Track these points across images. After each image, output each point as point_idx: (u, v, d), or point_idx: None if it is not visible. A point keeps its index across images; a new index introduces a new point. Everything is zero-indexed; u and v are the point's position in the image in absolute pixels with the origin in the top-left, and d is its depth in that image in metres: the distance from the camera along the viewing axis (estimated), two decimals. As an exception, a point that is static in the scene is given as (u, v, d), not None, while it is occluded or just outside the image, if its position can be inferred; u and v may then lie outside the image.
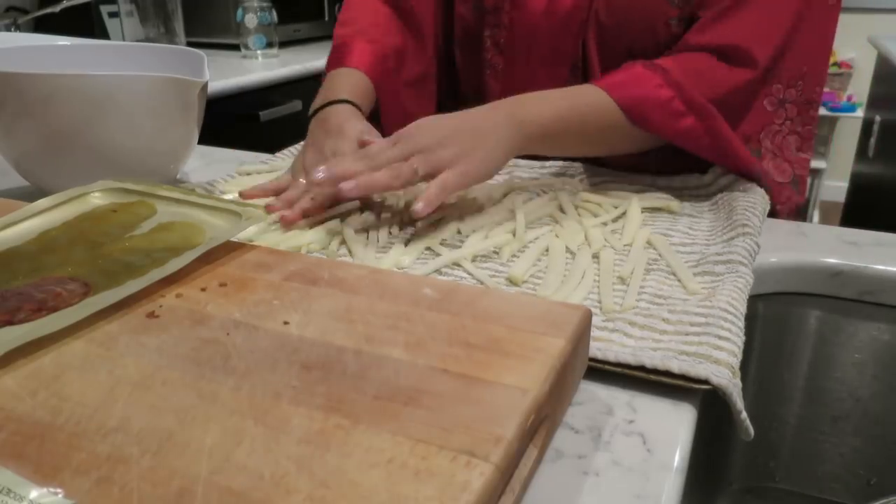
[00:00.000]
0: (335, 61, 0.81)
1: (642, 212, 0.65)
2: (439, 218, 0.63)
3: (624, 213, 0.65)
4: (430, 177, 0.59)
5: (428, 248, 0.58)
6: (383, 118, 0.83)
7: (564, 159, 0.78)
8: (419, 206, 0.57)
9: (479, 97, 0.87)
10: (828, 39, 0.73)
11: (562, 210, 0.66)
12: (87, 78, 0.60)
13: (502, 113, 0.65)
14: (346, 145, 0.66)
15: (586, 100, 0.68)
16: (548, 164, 0.77)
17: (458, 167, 0.60)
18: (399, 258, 0.56)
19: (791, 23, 0.68)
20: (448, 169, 0.59)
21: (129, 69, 0.72)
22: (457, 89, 0.92)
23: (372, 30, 0.83)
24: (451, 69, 0.91)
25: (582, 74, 0.78)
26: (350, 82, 0.78)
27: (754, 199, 0.63)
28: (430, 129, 0.62)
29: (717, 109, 0.67)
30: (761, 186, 0.68)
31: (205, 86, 0.67)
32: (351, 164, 0.59)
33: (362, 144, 0.65)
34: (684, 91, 0.66)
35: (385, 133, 0.68)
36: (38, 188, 0.67)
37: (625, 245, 0.59)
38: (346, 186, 0.57)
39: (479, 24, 0.83)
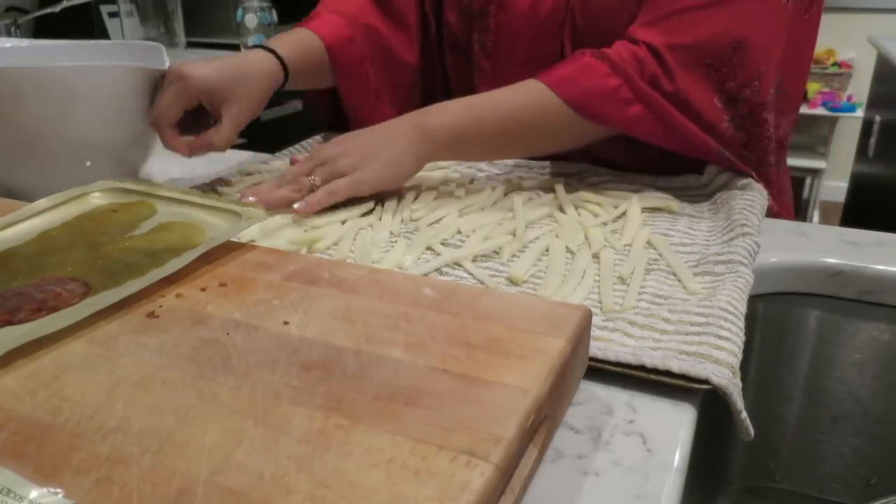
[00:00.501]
0: (298, 25, 0.82)
1: (642, 212, 0.65)
2: (439, 218, 0.63)
3: (624, 213, 0.65)
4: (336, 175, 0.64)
5: (428, 248, 0.58)
6: (339, 82, 0.83)
7: (559, 158, 0.77)
8: (299, 206, 0.62)
9: None
10: (803, 48, 0.72)
11: (562, 210, 0.66)
12: (50, 70, 0.61)
13: (406, 122, 0.67)
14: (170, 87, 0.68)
15: (518, 100, 0.67)
16: (547, 164, 0.77)
17: (354, 175, 0.64)
18: (399, 258, 0.56)
19: (752, 17, 0.66)
20: (347, 176, 0.64)
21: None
22: (449, 97, 0.91)
23: (343, 6, 0.83)
24: (444, 76, 0.91)
25: None
26: (292, 38, 0.78)
27: (752, 197, 0.63)
28: (337, 143, 0.67)
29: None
30: (723, 165, 0.68)
31: (165, 74, 0.68)
32: (268, 185, 0.65)
33: (293, 162, 0.72)
34: (631, 78, 0.65)
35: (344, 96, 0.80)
36: (5, 186, 0.67)
37: (625, 245, 0.59)
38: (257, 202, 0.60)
39: (467, 28, 0.83)
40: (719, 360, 0.41)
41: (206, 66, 0.70)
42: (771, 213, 0.69)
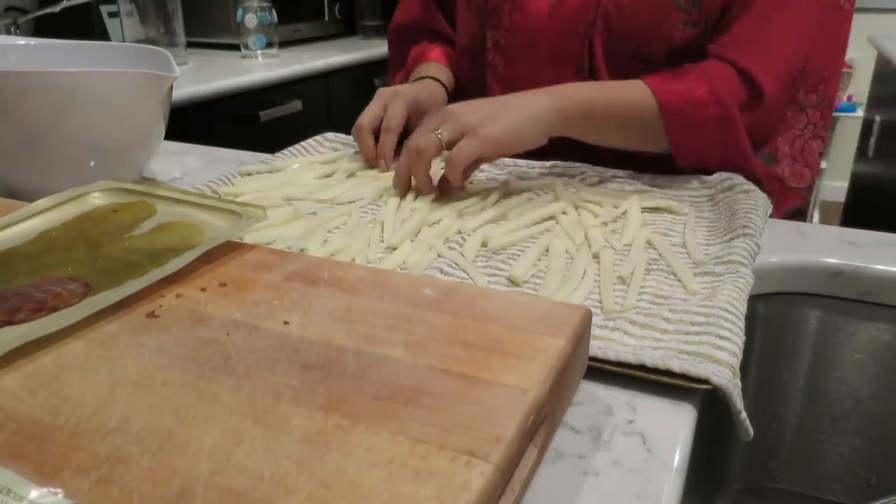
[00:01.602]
0: (417, 62, 0.93)
1: (642, 212, 0.65)
2: (439, 218, 0.63)
3: (624, 213, 0.65)
4: (454, 143, 0.64)
5: (429, 248, 0.58)
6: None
7: (559, 158, 0.78)
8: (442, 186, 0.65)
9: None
10: (842, 42, 0.74)
11: (562, 210, 0.66)
12: (65, 75, 0.61)
13: (542, 91, 0.68)
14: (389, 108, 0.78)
15: (629, 91, 0.70)
16: (548, 164, 0.77)
17: (477, 132, 0.63)
18: (400, 258, 0.56)
19: (815, 31, 0.70)
20: (467, 135, 0.63)
21: (97, 67, 0.72)
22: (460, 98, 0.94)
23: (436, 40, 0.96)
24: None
25: (589, 76, 0.78)
26: (434, 69, 0.90)
27: (756, 201, 0.63)
28: (464, 103, 0.67)
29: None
30: (763, 191, 0.69)
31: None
32: (401, 161, 0.68)
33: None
34: (716, 87, 0.68)
35: None
36: (6, 186, 0.67)
37: (625, 245, 0.59)
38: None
39: (481, 27, 0.85)
40: (719, 360, 0.41)
41: (412, 88, 0.83)
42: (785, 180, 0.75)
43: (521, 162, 0.78)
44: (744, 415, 0.41)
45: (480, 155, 0.64)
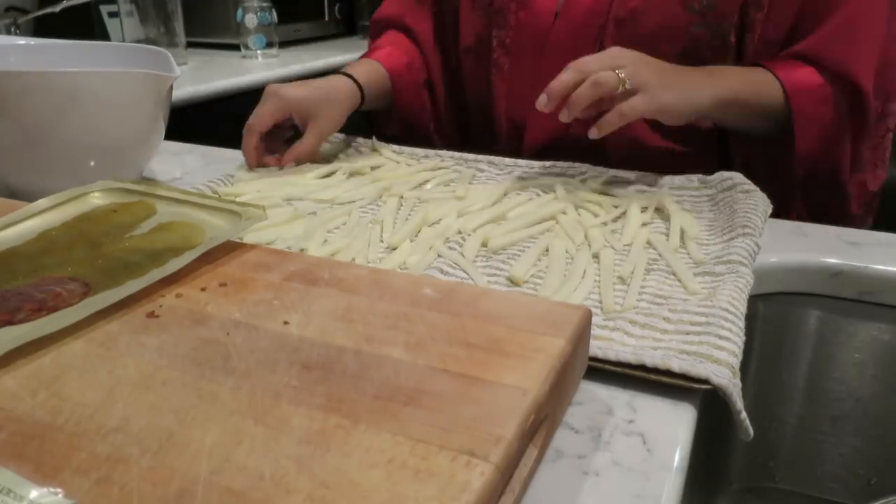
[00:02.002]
0: (365, 55, 0.91)
1: (642, 212, 0.65)
2: (439, 218, 0.63)
3: (624, 214, 0.65)
4: (630, 93, 0.64)
5: (429, 248, 0.58)
6: (395, 103, 0.91)
7: (560, 157, 0.78)
8: (594, 131, 0.64)
9: (485, 100, 0.88)
10: None
11: (562, 210, 0.66)
12: (65, 75, 0.61)
13: (704, 73, 0.69)
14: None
15: (762, 77, 0.72)
16: (548, 164, 0.77)
17: (659, 94, 0.64)
18: (400, 258, 0.56)
19: (885, 38, 0.73)
20: (643, 92, 0.64)
21: (97, 67, 0.72)
22: (461, 99, 0.94)
23: (397, 40, 0.94)
24: (454, 81, 0.94)
25: None
26: (364, 66, 0.87)
27: (756, 201, 0.63)
28: (640, 56, 0.66)
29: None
30: (846, 199, 0.74)
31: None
32: (565, 77, 0.65)
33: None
34: (835, 81, 0.71)
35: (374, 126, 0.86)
36: (6, 186, 0.67)
37: (625, 245, 0.59)
38: (544, 100, 0.66)
39: (487, 26, 0.84)
40: (719, 359, 0.41)
41: (299, 86, 0.78)
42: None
43: (521, 162, 0.78)
44: (744, 415, 0.41)
45: (647, 115, 0.65)
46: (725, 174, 0.70)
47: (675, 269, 0.54)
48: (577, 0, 0.77)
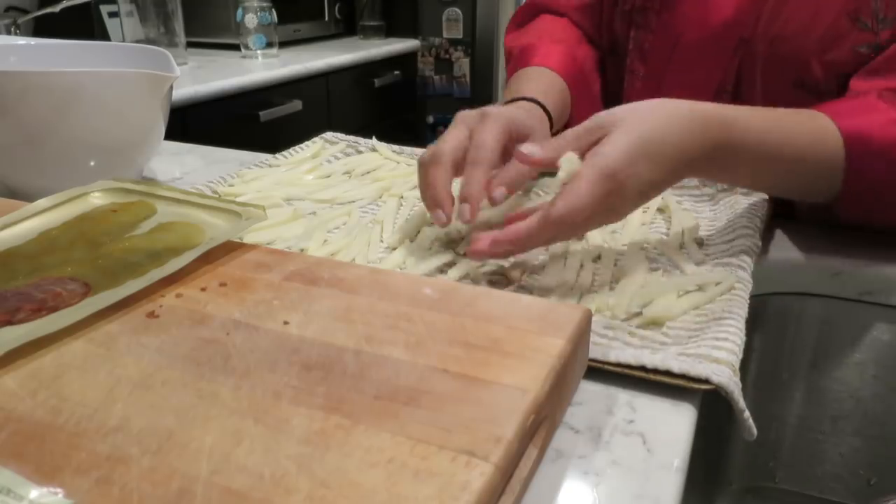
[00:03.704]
0: (520, 62, 0.74)
1: (643, 212, 0.65)
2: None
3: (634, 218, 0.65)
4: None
5: (429, 248, 0.58)
6: (575, 113, 0.75)
7: None
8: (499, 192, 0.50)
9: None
10: None
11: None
12: (65, 75, 0.61)
13: (702, 160, 0.51)
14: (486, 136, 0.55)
15: (802, 132, 0.55)
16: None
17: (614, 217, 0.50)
18: (400, 258, 0.56)
19: None
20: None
21: (97, 67, 0.72)
22: (603, 103, 0.82)
23: (557, 32, 0.77)
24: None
25: (731, 102, 0.60)
26: (536, 79, 0.70)
27: (755, 203, 0.63)
28: (639, 148, 0.48)
29: None
30: None
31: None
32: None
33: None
34: None
35: None
36: (6, 186, 0.67)
37: (623, 245, 0.59)
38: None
39: (626, 27, 0.76)
40: (719, 359, 0.41)
41: (508, 108, 0.61)
42: None
43: (521, 162, 0.78)
44: (747, 413, 0.41)
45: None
46: None
47: (677, 265, 0.54)
48: (719, 5, 0.66)
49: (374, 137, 0.86)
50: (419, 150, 0.83)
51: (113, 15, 1.74)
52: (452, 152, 0.54)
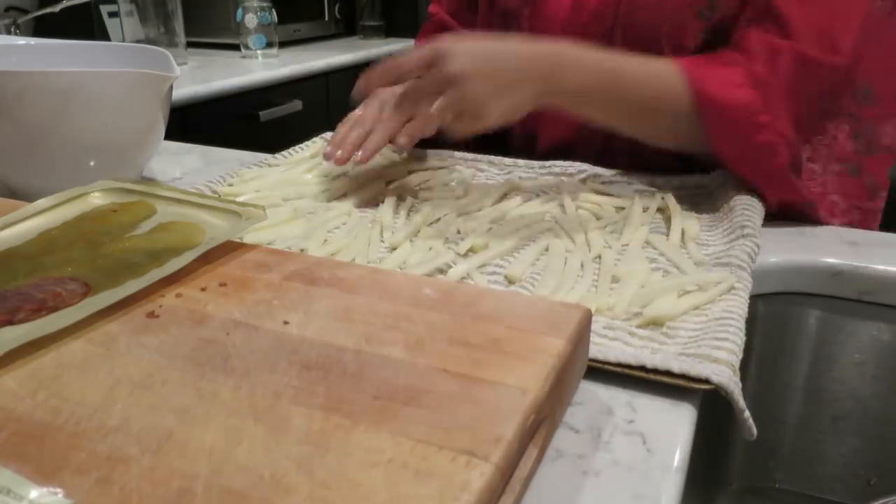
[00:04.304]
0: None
1: (644, 211, 0.65)
2: (439, 218, 0.63)
3: (624, 214, 0.65)
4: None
5: (429, 248, 0.58)
6: None
7: (560, 157, 0.77)
8: (396, 145, 0.66)
9: None
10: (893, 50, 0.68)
11: (562, 210, 0.66)
12: (65, 75, 0.61)
13: (539, 68, 0.62)
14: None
15: (651, 72, 0.64)
16: (547, 163, 0.77)
17: (475, 116, 0.60)
18: (400, 258, 0.56)
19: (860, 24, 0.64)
20: (471, 115, 0.60)
21: (97, 67, 0.72)
22: None
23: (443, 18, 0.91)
24: None
25: None
26: None
27: (752, 201, 0.63)
28: (465, 54, 0.60)
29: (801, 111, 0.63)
30: (814, 217, 0.66)
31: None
32: (371, 114, 0.68)
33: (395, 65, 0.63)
34: (770, 98, 0.61)
35: None
36: (6, 186, 0.67)
37: (623, 245, 0.59)
38: (360, 157, 0.67)
39: (500, 29, 0.83)
40: (718, 359, 0.41)
41: None
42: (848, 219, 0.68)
43: (520, 162, 0.78)
44: (747, 413, 0.41)
45: (457, 109, 0.60)
46: (724, 173, 0.69)
47: (677, 265, 0.54)
48: (584, 3, 0.75)
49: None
50: (419, 150, 0.83)
51: (113, 15, 1.74)
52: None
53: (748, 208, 0.61)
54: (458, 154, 0.81)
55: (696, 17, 0.69)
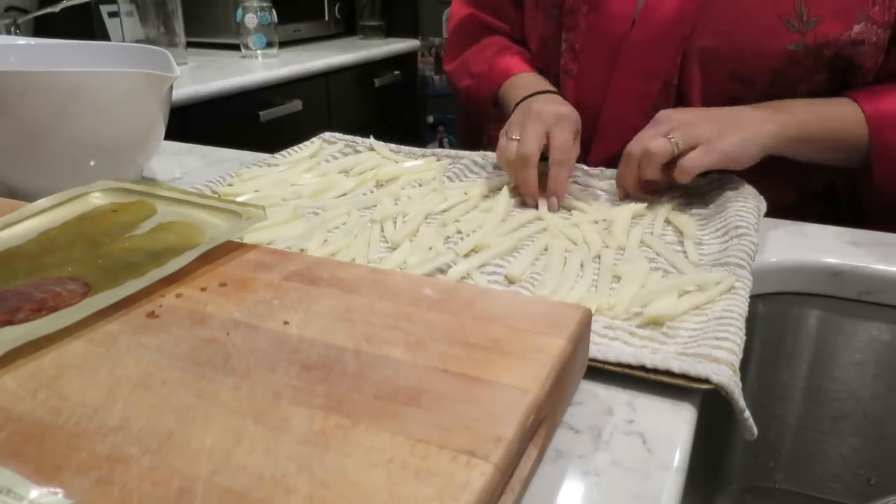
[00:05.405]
0: (498, 77, 0.85)
1: (637, 215, 0.65)
2: (439, 218, 0.63)
3: (617, 213, 0.65)
4: (686, 151, 0.63)
5: (429, 248, 0.58)
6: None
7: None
8: (681, 175, 0.64)
9: None
10: None
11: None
12: (65, 75, 0.61)
13: (762, 109, 0.67)
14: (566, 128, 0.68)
15: (841, 110, 0.69)
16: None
17: (716, 144, 0.63)
18: (400, 258, 0.56)
19: None
20: (702, 145, 0.63)
21: (97, 67, 0.72)
22: None
23: (508, 46, 0.89)
24: None
25: (676, 94, 0.75)
26: (537, 81, 0.80)
27: (746, 199, 0.64)
28: (687, 111, 0.66)
29: None
30: None
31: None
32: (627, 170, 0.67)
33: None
34: None
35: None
36: (6, 186, 0.67)
37: (619, 245, 0.59)
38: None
39: (552, 28, 0.82)
40: (718, 359, 0.41)
41: (565, 105, 0.72)
42: None
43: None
44: (747, 413, 0.41)
45: (711, 167, 0.64)
46: (719, 174, 0.69)
47: (674, 264, 0.54)
48: (659, 6, 0.72)
49: (371, 137, 0.86)
50: (417, 150, 0.83)
51: (113, 15, 1.74)
52: (538, 154, 0.67)
53: (744, 209, 0.61)
54: (453, 152, 0.81)
55: (784, 27, 0.68)
